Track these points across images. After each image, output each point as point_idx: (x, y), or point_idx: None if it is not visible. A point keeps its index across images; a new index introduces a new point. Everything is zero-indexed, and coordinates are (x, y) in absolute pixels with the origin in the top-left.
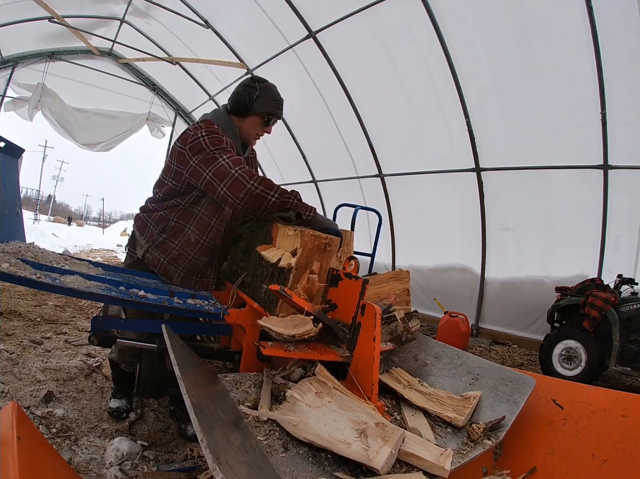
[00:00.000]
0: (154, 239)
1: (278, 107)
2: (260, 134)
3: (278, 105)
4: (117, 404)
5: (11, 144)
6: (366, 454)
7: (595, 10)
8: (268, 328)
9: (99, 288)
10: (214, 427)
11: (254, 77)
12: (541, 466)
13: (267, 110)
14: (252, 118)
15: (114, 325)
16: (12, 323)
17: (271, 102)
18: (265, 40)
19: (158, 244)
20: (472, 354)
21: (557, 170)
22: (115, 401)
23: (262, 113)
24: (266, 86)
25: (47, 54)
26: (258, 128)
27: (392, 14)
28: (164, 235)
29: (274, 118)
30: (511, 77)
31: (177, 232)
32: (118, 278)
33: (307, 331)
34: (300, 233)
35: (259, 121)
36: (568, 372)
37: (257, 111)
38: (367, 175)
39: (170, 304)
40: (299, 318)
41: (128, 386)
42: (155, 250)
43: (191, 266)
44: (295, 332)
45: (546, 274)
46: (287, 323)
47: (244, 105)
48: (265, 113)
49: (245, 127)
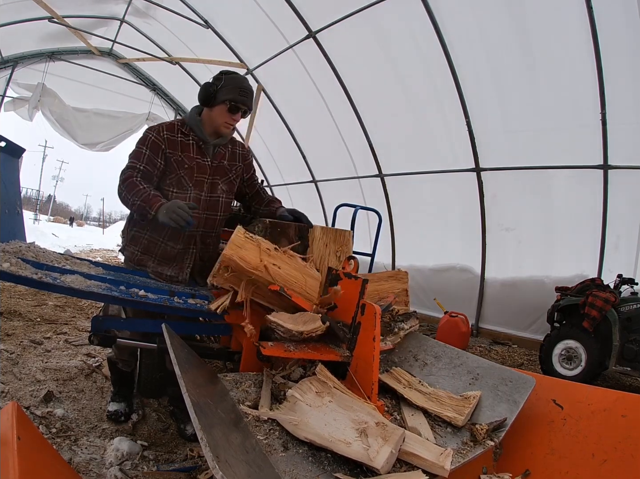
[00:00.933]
0: (127, 236)
1: (242, 94)
2: (230, 122)
3: (242, 92)
4: (116, 407)
5: (12, 144)
6: (366, 453)
7: (595, 10)
8: (277, 323)
9: (99, 288)
10: (214, 426)
11: (224, 71)
12: (541, 466)
13: (229, 97)
14: (218, 107)
15: (114, 324)
16: (12, 323)
17: (234, 89)
18: (265, 40)
19: (130, 239)
20: (472, 354)
21: (557, 170)
22: (113, 404)
23: (225, 101)
24: (232, 77)
25: (47, 54)
26: (225, 116)
27: (392, 14)
28: (134, 229)
29: (239, 105)
30: (511, 77)
31: (144, 224)
32: (118, 278)
33: (315, 328)
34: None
35: (224, 109)
36: (568, 372)
37: (220, 99)
38: (367, 175)
39: (171, 304)
40: (308, 315)
41: (127, 389)
42: (129, 245)
43: (163, 252)
44: (305, 329)
45: (546, 274)
46: (296, 319)
47: (209, 95)
48: (228, 100)
49: (213, 116)
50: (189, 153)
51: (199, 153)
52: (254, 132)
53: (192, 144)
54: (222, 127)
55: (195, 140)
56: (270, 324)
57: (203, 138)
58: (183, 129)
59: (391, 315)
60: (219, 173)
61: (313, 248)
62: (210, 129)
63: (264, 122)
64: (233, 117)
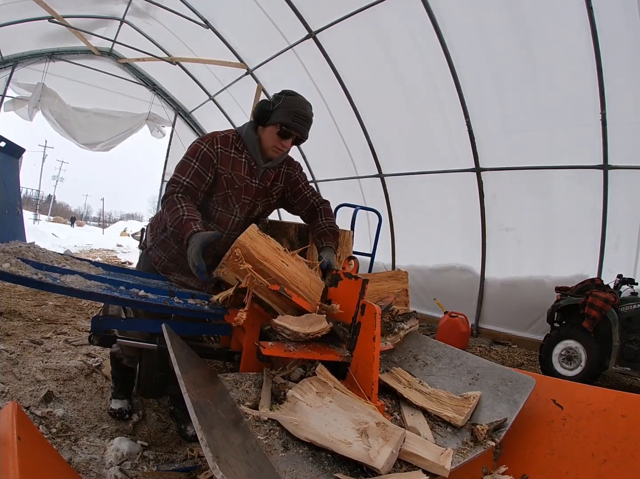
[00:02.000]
0: (156, 237)
1: (296, 120)
2: (278, 147)
3: (296, 117)
4: (119, 405)
5: (11, 144)
6: (367, 454)
7: (595, 10)
8: (283, 326)
9: (99, 288)
10: (214, 426)
11: (286, 91)
12: (541, 466)
13: (282, 120)
14: (270, 127)
15: (114, 324)
16: (12, 323)
17: (289, 113)
18: (265, 40)
19: (159, 242)
20: (472, 354)
21: (557, 170)
22: (116, 402)
23: (277, 123)
24: (291, 98)
25: (47, 54)
26: (274, 140)
27: (392, 14)
28: (165, 234)
29: (291, 132)
30: (511, 77)
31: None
32: (118, 278)
33: (323, 328)
34: None
35: (275, 131)
36: (568, 372)
37: (273, 120)
38: (367, 175)
39: (171, 304)
40: (314, 316)
41: (128, 385)
42: (157, 248)
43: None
44: (312, 330)
45: (546, 274)
46: (302, 321)
47: (264, 114)
48: (280, 123)
49: (264, 137)
50: (240, 172)
51: (249, 173)
52: None
53: (245, 163)
54: (270, 150)
55: (247, 160)
56: (276, 328)
57: (256, 159)
58: (237, 145)
59: (391, 315)
60: (261, 194)
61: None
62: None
63: None
64: (283, 143)
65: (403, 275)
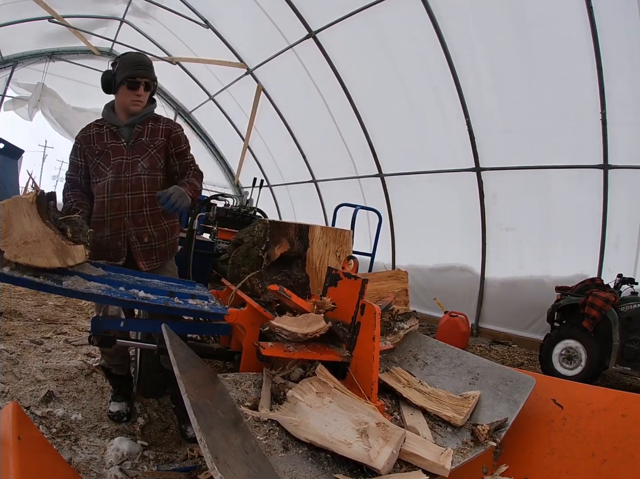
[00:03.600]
0: None
1: (136, 68)
2: (134, 99)
3: (136, 66)
4: (117, 408)
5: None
6: (367, 454)
7: (595, 10)
8: (281, 328)
9: (98, 289)
10: (213, 427)
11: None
12: (541, 466)
13: (125, 75)
14: (120, 89)
15: (113, 325)
16: (12, 323)
17: (128, 66)
18: (265, 40)
19: None
20: (472, 354)
21: (557, 170)
22: (115, 404)
23: (123, 80)
24: (125, 56)
25: (47, 54)
26: (129, 95)
27: (392, 14)
28: None
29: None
30: (511, 77)
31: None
32: (118, 279)
33: (320, 328)
34: None
35: (125, 89)
36: (568, 372)
37: (118, 81)
38: (367, 175)
39: (171, 304)
40: (312, 316)
41: (126, 388)
42: None
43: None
44: (310, 330)
45: (546, 274)
46: (300, 322)
47: (110, 82)
48: (125, 78)
49: (120, 99)
50: (102, 140)
51: (112, 137)
52: (254, 131)
53: (106, 132)
54: (130, 106)
55: (108, 128)
56: (274, 329)
57: (115, 123)
58: (98, 123)
59: (391, 315)
60: (138, 151)
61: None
62: (123, 114)
63: (264, 121)
64: (136, 93)
65: (403, 275)
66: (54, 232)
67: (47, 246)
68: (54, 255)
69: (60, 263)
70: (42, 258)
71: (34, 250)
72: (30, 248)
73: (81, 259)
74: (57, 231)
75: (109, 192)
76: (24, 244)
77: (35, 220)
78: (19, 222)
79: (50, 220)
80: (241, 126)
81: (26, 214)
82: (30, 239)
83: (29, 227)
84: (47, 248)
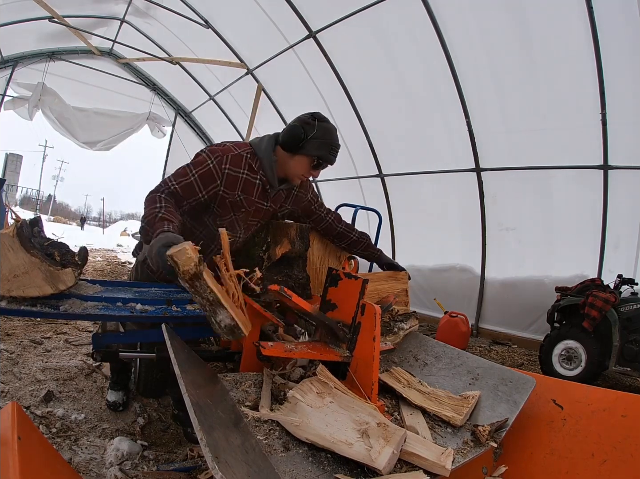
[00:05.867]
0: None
1: (332, 153)
2: (306, 176)
3: (333, 150)
4: (114, 397)
5: None
6: (368, 454)
7: (595, 10)
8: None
9: (96, 309)
10: (214, 426)
11: (315, 114)
12: (541, 466)
13: (319, 154)
14: (301, 157)
15: (113, 339)
16: (12, 323)
17: (326, 146)
18: (265, 40)
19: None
20: (472, 354)
21: (557, 170)
22: (112, 393)
23: (313, 156)
24: (325, 127)
25: (47, 54)
26: (305, 170)
27: (392, 14)
28: None
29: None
30: (511, 77)
31: None
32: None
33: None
34: None
35: (308, 162)
36: (568, 372)
37: (308, 152)
38: (367, 175)
39: (170, 313)
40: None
41: (124, 376)
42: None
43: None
44: None
45: (546, 274)
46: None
47: (296, 143)
48: (317, 156)
49: (292, 164)
50: (252, 195)
51: (262, 196)
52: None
53: (258, 185)
54: (297, 177)
55: (262, 182)
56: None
57: (271, 182)
58: (253, 163)
59: (391, 315)
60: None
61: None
62: (282, 173)
63: (264, 121)
64: (313, 172)
65: (403, 275)
66: (40, 261)
67: (37, 275)
68: (45, 283)
69: (53, 289)
70: (34, 288)
71: (25, 281)
72: (21, 281)
73: (72, 282)
74: (44, 258)
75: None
76: (14, 278)
77: (20, 253)
78: (5, 257)
79: (35, 249)
80: (241, 126)
81: (9, 248)
82: (19, 272)
83: (15, 260)
84: (37, 277)
